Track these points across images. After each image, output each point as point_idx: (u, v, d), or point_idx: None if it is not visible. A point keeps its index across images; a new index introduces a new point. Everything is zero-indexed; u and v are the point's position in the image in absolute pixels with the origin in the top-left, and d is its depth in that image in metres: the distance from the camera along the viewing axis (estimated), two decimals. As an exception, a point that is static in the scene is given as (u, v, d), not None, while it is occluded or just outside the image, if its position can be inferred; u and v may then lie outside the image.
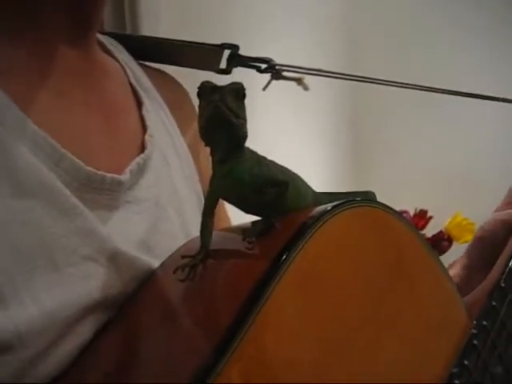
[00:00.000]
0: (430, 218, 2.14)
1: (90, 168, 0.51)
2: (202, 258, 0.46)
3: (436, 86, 0.83)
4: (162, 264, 0.51)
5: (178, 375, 0.39)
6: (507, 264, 0.57)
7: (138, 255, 0.51)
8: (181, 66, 0.72)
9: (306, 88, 0.78)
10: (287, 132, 2.05)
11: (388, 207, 0.50)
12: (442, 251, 2.01)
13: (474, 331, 0.52)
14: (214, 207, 0.48)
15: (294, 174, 0.52)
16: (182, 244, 0.52)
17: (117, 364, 0.44)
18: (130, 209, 0.54)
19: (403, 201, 2.17)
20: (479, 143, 2.39)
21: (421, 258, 0.52)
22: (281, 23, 1.95)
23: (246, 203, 0.49)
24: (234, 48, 0.69)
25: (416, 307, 0.49)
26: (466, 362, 0.49)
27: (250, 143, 0.48)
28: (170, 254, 0.52)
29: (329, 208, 0.46)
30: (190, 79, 0.71)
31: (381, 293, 0.47)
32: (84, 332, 0.46)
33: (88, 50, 0.58)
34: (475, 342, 0.51)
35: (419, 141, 2.45)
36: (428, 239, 2.04)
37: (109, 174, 0.52)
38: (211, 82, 0.46)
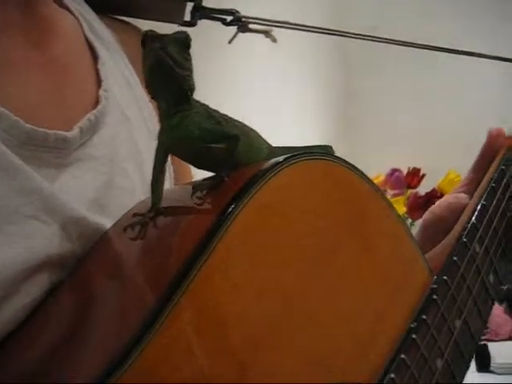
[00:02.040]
0: (423, 175, 2.14)
1: (29, 125, 0.49)
2: (153, 215, 0.45)
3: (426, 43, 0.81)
4: (116, 222, 0.50)
5: (121, 333, 0.38)
6: (469, 221, 0.56)
7: (89, 214, 0.49)
8: (144, 18, 0.71)
9: (274, 40, 0.77)
10: (274, 93, 2.03)
11: (345, 161, 0.49)
12: (435, 209, 2.01)
13: (434, 286, 0.51)
14: (164, 163, 0.47)
15: (248, 128, 0.50)
16: (140, 200, 0.52)
17: (67, 324, 0.44)
18: (82, 166, 0.52)
19: (396, 159, 2.17)
20: (472, 101, 2.38)
21: (380, 215, 0.51)
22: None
23: (196, 158, 0.47)
24: (196, 0, 0.67)
25: (373, 263, 0.48)
26: (424, 317, 0.49)
27: (239, 103, 0.47)
28: (126, 211, 0.51)
29: (280, 160, 0.45)
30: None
31: (333, 246, 0.46)
32: (32, 291, 0.45)
33: (32, 4, 0.56)
34: (434, 296, 0.50)
35: (412, 100, 2.44)
36: (421, 197, 2.04)
37: (51, 131, 0.50)
38: (154, 31, 0.45)
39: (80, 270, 0.47)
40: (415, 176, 2.12)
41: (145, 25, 0.73)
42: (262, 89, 1.94)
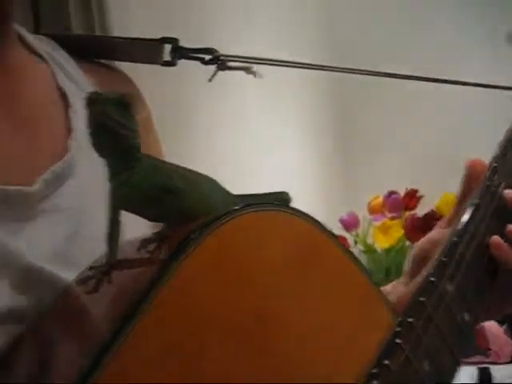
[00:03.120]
0: (421, 197, 2.13)
1: None
2: (106, 270, 0.46)
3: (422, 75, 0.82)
4: (79, 274, 0.50)
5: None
6: (438, 258, 0.55)
7: (49, 266, 0.50)
8: (126, 61, 0.72)
9: (256, 75, 0.77)
10: (273, 122, 2.04)
11: (298, 211, 0.49)
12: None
13: (398, 329, 0.50)
14: (117, 218, 0.48)
15: (203, 177, 0.51)
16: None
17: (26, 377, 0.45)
18: (48, 218, 0.52)
19: (395, 181, 2.17)
20: (470, 123, 2.38)
21: (333, 258, 0.51)
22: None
23: (146, 212, 0.48)
24: (173, 41, 0.68)
25: (324, 308, 0.48)
26: (386, 362, 0.48)
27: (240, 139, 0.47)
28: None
29: (222, 214, 0.46)
30: (134, 74, 0.72)
31: (276, 305, 0.46)
32: None
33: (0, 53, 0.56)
34: (398, 340, 0.49)
35: (409, 122, 2.44)
36: (419, 218, 2.04)
37: (12, 187, 0.50)
38: (96, 93, 0.46)
39: (39, 325, 0.48)
40: (413, 197, 2.11)
41: (125, 66, 0.74)
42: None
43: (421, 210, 2.08)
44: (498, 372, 1.63)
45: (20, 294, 0.49)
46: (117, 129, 0.45)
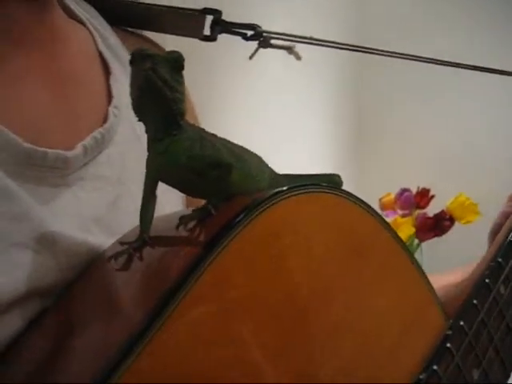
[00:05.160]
0: (432, 196, 2.10)
1: (28, 144, 0.46)
2: (138, 245, 0.43)
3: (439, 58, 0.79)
4: (108, 248, 0.47)
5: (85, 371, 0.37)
6: (494, 259, 0.52)
7: (85, 236, 0.47)
8: (163, 32, 0.68)
9: (298, 57, 0.74)
10: (289, 110, 2.01)
11: (350, 195, 0.46)
12: (444, 231, 1.98)
13: (449, 332, 0.47)
14: (154, 191, 0.44)
15: (249, 155, 0.47)
16: (133, 227, 0.49)
17: (48, 356, 0.41)
18: (85, 186, 0.50)
19: (407, 179, 2.14)
20: (483, 124, 2.35)
21: (387, 253, 0.47)
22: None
23: (186, 186, 0.45)
24: (216, 13, 0.65)
25: (376, 305, 0.45)
26: (435, 367, 0.45)
27: (252, 119, 0.44)
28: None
29: (277, 191, 0.42)
30: (174, 47, 0.68)
31: (330, 288, 0.43)
32: (12, 324, 0.43)
33: (44, 15, 0.53)
34: (448, 344, 0.46)
35: (423, 119, 2.42)
36: (429, 218, 2.01)
37: (51, 151, 0.47)
38: (145, 49, 0.42)
39: (64, 300, 0.45)
40: (424, 196, 2.09)
41: (163, 39, 0.70)
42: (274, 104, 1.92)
43: (431, 210, 2.06)
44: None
45: (48, 269, 0.46)
46: (164, 90, 0.41)
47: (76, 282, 0.46)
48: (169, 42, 0.71)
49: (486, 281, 0.51)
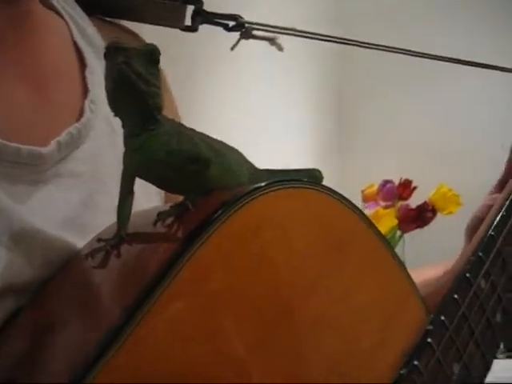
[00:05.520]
0: (415, 188, 2.11)
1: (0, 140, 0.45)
2: (116, 242, 0.42)
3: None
4: (85, 246, 0.47)
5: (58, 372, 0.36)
6: (474, 253, 0.52)
7: (60, 234, 0.46)
8: (143, 22, 0.67)
9: (280, 48, 0.73)
10: (271, 101, 2.00)
11: (331, 190, 0.45)
12: (426, 222, 1.99)
13: (429, 327, 0.47)
14: (131, 187, 0.44)
15: (229, 148, 0.46)
16: (110, 224, 0.48)
17: (25, 353, 0.41)
18: (60, 183, 0.49)
19: (389, 170, 2.15)
20: (464, 115, 2.37)
21: (367, 248, 0.47)
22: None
23: (164, 182, 0.44)
24: (197, 3, 0.64)
25: (355, 301, 0.45)
26: (415, 363, 0.45)
27: (234, 111, 0.43)
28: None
29: (256, 187, 0.42)
30: (155, 38, 0.67)
31: (309, 284, 0.43)
32: None
33: (17, 5, 0.51)
34: (429, 339, 0.46)
35: (405, 111, 2.43)
36: (412, 210, 2.02)
37: (24, 147, 0.46)
38: (120, 42, 0.41)
39: (40, 297, 0.44)
40: (407, 188, 2.09)
41: (141, 28, 0.69)
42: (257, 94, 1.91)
43: (414, 202, 2.06)
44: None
45: (21, 266, 0.45)
46: (139, 84, 0.40)
47: (52, 280, 0.45)
48: (146, 32, 0.70)
49: (467, 275, 0.51)
